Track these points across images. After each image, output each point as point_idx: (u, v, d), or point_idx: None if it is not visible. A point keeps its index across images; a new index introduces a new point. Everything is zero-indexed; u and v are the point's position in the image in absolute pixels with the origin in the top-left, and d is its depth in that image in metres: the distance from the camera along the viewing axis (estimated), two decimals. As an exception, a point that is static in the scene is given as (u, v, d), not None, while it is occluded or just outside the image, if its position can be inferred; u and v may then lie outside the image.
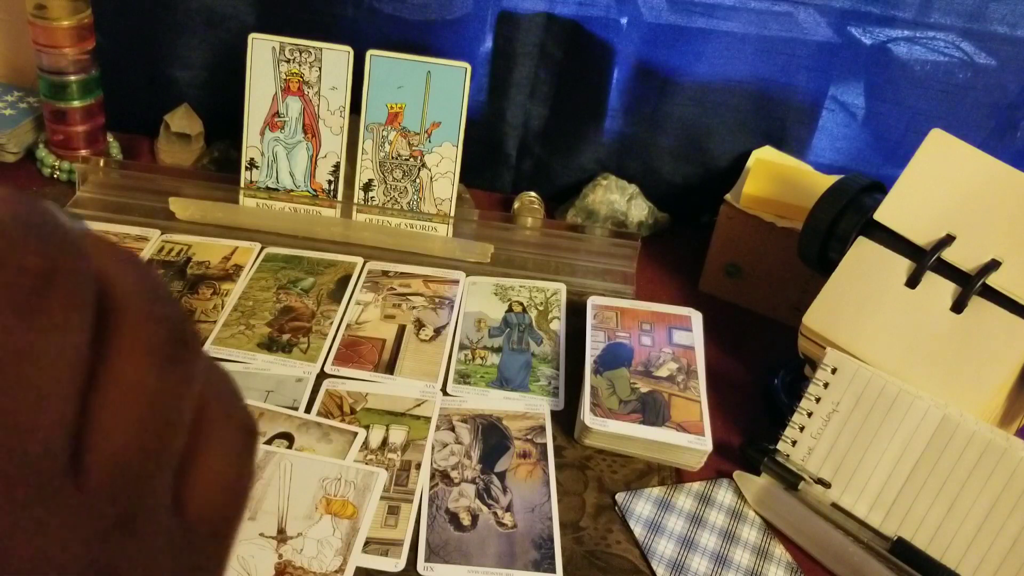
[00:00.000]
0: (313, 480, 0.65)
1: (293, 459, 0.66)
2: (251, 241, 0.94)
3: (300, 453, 0.67)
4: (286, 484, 0.62)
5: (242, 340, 0.81)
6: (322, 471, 0.66)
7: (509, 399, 0.79)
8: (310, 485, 0.64)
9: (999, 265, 0.68)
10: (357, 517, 0.63)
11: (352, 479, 0.66)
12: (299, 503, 0.62)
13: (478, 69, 1.02)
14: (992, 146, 0.89)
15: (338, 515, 0.63)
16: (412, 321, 0.86)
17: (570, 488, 0.72)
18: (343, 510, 0.63)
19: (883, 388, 0.68)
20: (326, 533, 0.61)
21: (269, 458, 0.64)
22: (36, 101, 1.05)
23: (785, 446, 0.72)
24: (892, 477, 0.67)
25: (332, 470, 0.66)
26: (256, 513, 0.60)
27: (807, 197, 0.81)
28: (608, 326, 0.84)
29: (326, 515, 0.63)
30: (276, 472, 0.64)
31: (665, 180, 1.06)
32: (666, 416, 0.74)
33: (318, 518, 0.62)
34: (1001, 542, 0.63)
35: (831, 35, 0.95)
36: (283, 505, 0.61)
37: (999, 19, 0.89)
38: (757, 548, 0.69)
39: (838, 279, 0.74)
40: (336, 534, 0.61)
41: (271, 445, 0.70)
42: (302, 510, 0.62)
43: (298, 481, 0.63)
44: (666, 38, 0.97)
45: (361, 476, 0.67)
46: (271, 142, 0.94)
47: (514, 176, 1.09)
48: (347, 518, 0.63)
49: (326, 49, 0.92)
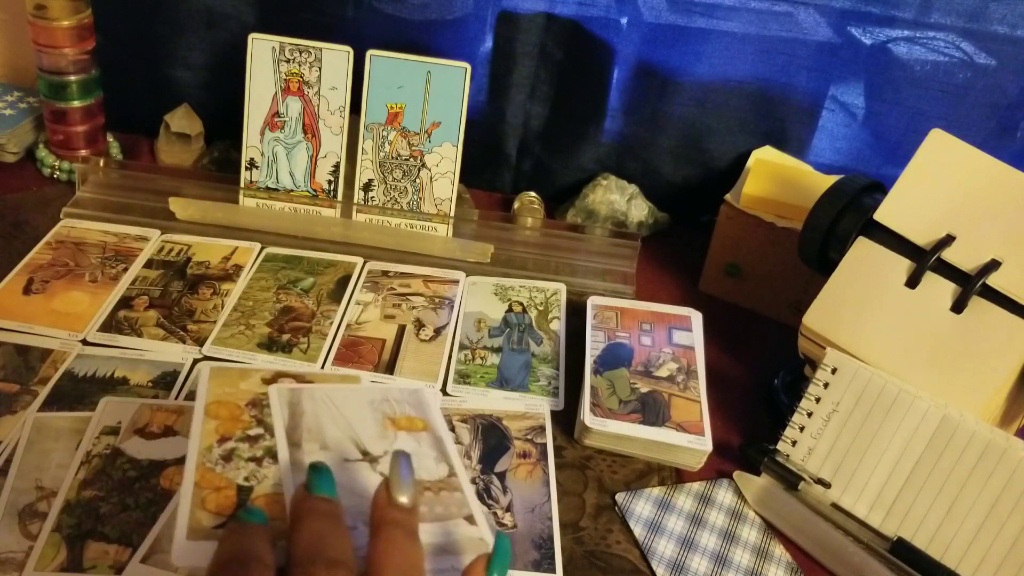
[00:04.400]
0: (363, 405, 0.55)
1: (328, 391, 0.55)
2: (251, 241, 0.94)
3: (326, 385, 0.56)
4: (339, 413, 0.52)
5: (242, 340, 0.81)
6: (366, 396, 0.56)
7: (509, 399, 0.79)
8: (363, 409, 0.54)
9: (999, 265, 0.68)
10: (432, 428, 0.55)
11: (403, 399, 0.57)
12: (365, 427, 0.52)
13: (478, 69, 1.02)
14: (992, 146, 0.89)
15: (411, 430, 0.54)
16: (412, 321, 0.86)
17: (570, 488, 0.72)
18: (412, 425, 0.54)
19: (883, 388, 0.68)
20: (412, 446, 0.52)
21: (299, 393, 0.54)
22: (36, 101, 1.05)
23: (785, 446, 0.72)
24: (892, 477, 0.67)
25: (375, 393, 0.57)
26: (326, 442, 0.50)
27: (807, 197, 0.81)
28: (608, 326, 0.84)
29: (400, 431, 0.54)
30: (317, 405, 0.53)
31: (665, 180, 1.06)
32: (666, 416, 0.74)
33: (394, 436, 0.53)
34: (1001, 542, 0.63)
35: (831, 35, 0.95)
36: (349, 431, 0.51)
37: (999, 19, 0.89)
38: (757, 548, 0.69)
39: (838, 279, 0.74)
40: (424, 446, 0.53)
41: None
42: (373, 432, 0.53)
43: (348, 409, 0.53)
44: (666, 38, 0.97)
45: (408, 395, 0.58)
46: (271, 142, 0.95)
47: (514, 176, 1.09)
48: (423, 431, 0.55)
49: (326, 49, 0.92)
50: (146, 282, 0.87)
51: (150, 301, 0.85)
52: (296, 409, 0.51)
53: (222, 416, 0.49)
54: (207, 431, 0.48)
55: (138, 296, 0.85)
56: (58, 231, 0.92)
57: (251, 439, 0.48)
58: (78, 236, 0.92)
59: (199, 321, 0.83)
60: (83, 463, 0.66)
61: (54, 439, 0.68)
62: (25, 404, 0.71)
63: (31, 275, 0.85)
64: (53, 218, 0.94)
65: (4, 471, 0.65)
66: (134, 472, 0.66)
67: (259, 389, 0.52)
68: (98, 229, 0.93)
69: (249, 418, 0.49)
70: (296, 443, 0.48)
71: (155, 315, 0.83)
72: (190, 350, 0.79)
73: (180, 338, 0.81)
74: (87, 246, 0.90)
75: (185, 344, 0.80)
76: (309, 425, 0.49)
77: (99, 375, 0.75)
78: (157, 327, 0.81)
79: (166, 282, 0.87)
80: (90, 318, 0.81)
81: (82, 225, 0.93)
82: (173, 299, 0.85)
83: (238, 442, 0.48)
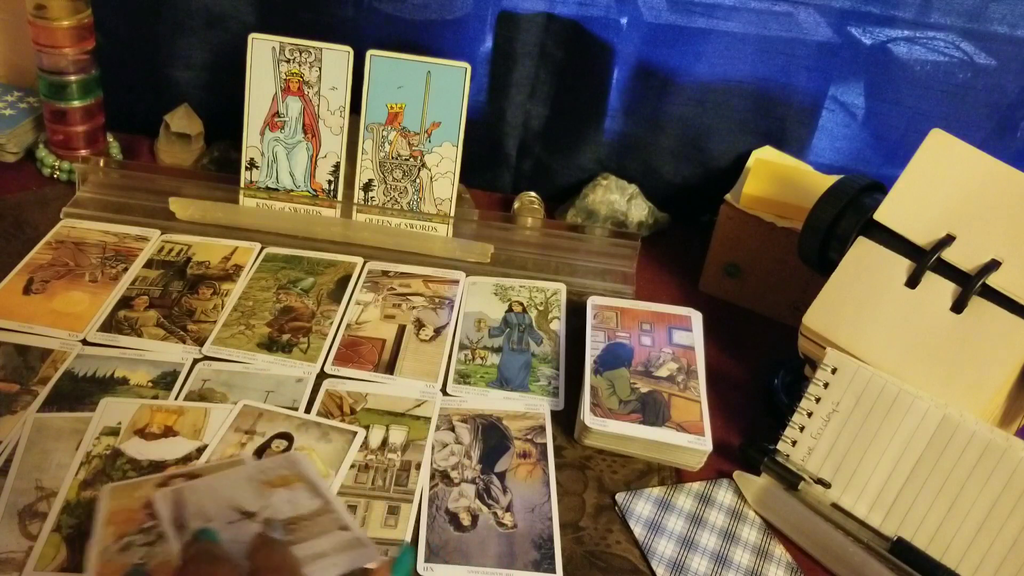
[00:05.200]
0: (240, 480, 0.65)
1: (208, 481, 0.65)
2: (251, 241, 0.94)
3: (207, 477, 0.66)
4: (218, 494, 0.63)
5: (242, 340, 0.81)
6: (244, 472, 0.66)
7: (509, 399, 0.79)
8: (239, 483, 0.64)
9: (999, 265, 0.68)
10: (304, 479, 0.65)
11: (276, 465, 0.66)
12: (242, 495, 0.63)
13: (478, 69, 1.02)
14: (992, 146, 0.89)
15: (286, 485, 0.64)
16: (412, 321, 0.86)
17: (570, 488, 0.72)
18: (286, 481, 0.64)
19: (883, 388, 0.68)
20: (288, 495, 0.63)
21: (181, 492, 0.63)
22: (36, 101, 1.05)
23: (785, 446, 0.72)
24: (892, 477, 0.67)
25: (251, 468, 0.66)
26: (209, 516, 0.61)
27: (807, 197, 0.81)
28: (608, 326, 0.84)
29: (276, 488, 0.64)
30: (198, 494, 0.63)
31: (665, 180, 1.06)
32: (666, 416, 0.74)
33: (270, 494, 0.63)
34: (1001, 542, 0.63)
35: (831, 35, 0.95)
36: (229, 502, 0.62)
37: (999, 19, 0.89)
38: (757, 548, 0.69)
39: (838, 279, 0.74)
40: (298, 492, 0.64)
41: (271, 446, 0.70)
42: (249, 496, 0.63)
43: (226, 488, 0.64)
44: (666, 38, 0.97)
45: (281, 461, 0.67)
46: (271, 142, 0.95)
47: (514, 176, 1.09)
48: (297, 482, 0.64)
49: (326, 49, 0.92)
50: (146, 282, 0.87)
51: (150, 301, 0.85)
52: (180, 502, 0.61)
53: (119, 521, 0.61)
54: (105, 535, 0.60)
55: (138, 296, 0.85)
56: (58, 231, 0.92)
57: (145, 531, 0.60)
58: (78, 236, 0.92)
59: (199, 321, 0.83)
60: (83, 463, 0.66)
61: (54, 439, 0.68)
62: (25, 404, 0.71)
63: (31, 275, 0.85)
64: (53, 218, 0.94)
65: (4, 471, 0.65)
66: (134, 473, 0.66)
67: (153, 492, 0.63)
68: (98, 229, 0.93)
69: (143, 516, 0.61)
70: (182, 525, 0.59)
71: (155, 315, 0.83)
72: (190, 350, 0.79)
73: (180, 338, 0.81)
74: (87, 246, 0.90)
75: (185, 344, 0.80)
76: (192, 510, 0.60)
77: (99, 375, 0.75)
78: (157, 327, 0.81)
79: (166, 282, 0.87)
80: (90, 318, 0.81)
81: (82, 225, 0.93)
82: (173, 299, 0.85)
83: (134, 535, 0.60)
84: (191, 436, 0.70)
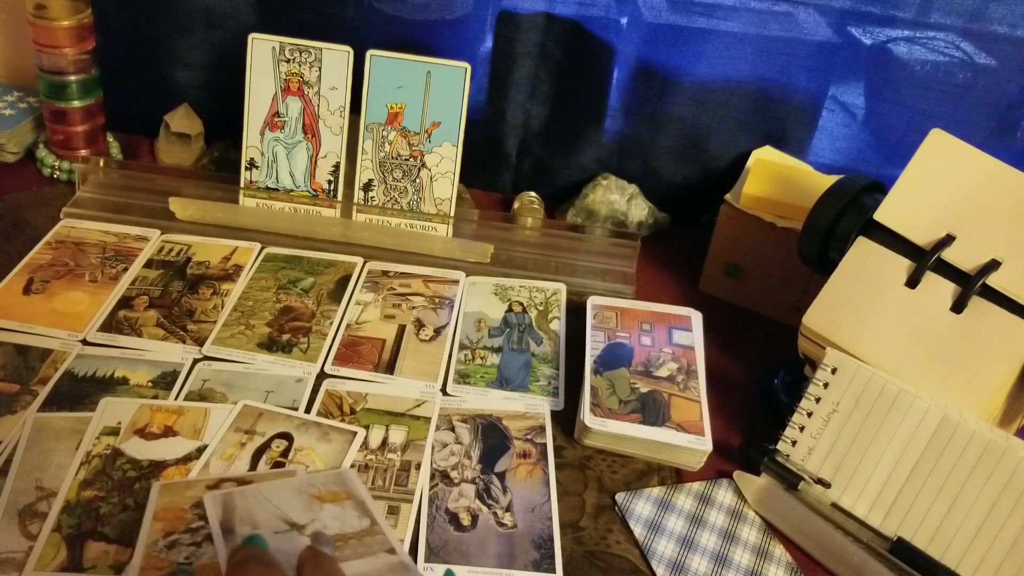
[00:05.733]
0: (290, 491, 0.64)
1: (258, 488, 0.65)
2: (251, 241, 0.94)
3: (257, 484, 0.66)
4: (267, 502, 0.63)
5: (242, 340, 0.81)
6: (294, 484, 0.65)
7: (509, 399, 0.79)
8: (289, 494, 0.64)
9: (999, 265, 0.68)
10: (353, 497, 0.65)
11: (327, 480, 0.66)
12: (291, 506, 0.63)
13: (478, 69, 1.02)
14: (992, 146, 0.89)
15: (335, 501, 0.64)
16: (412, 321, 0.86)
17: (570, 488, 0.72)
18: (336, 497, 0.64)
19: (883, 388, 0.68)
20: (337, 511, 0.63)
21: (231, 495, 0.63)
22: (36, 101, 1.05)
23: (785, 446, 0.72)
24: (892, 477, 0.67)
25: (302, 480, 0.66)
26: (257, 523, 0.61)
27: (807, 197, 0.81)
28: (608, 326, 0.84)
29: (326, 503, 0.64)
30: (248, 499, 0.63)
31: (665, 180, 1.06)
32: (666, 416, 0.74)
33: (320, 508, 0.63)
34: (1001, 542, 0.63)
35: (831, 35, 0.95)
36: (277, 512, 0.62)
37: (999, 19, 0.89)
38: (757, 548, 0.69)
39: (838, 279, 0.74)
40: (347, 509, 0.63)
41: (271, 446, 0.70)
42: (298, 508, 0.63)
43: (275, 497, 0.64)
44: (666, 38, 0.97)
45: (332, 477, 0.67)
46: (271, 142, 0.95)
47: (514, 176, 1.09)
48: (346, 499, 0.64)
49: (326, 49, 0.92)
50: (146, 282, 0.87)
51: (150, 301, 0.85)
52: (229, 506, 0.61)
53: (168, 518, 0.61)
54: (153, 530, 0.60)
55: (138, 296, 0.85)
56: (58, 231, 0.92)
57: (192, 531, 0.60)
58: (78, 236, 0.92)
59: (199, 321, 0.83)
60: (83, 463, 0.66)
61: (54, 439, 0.68)
62: (25, 404, 0.71)
63: (31, 275, 0.85)
64: (53, 218, 0.94)
65: (4, 471, 0.65)
66: (134, 472, 0.66)
67: (203, 493, 0.63)
68: (98, 229, 0.93)
69: (192, 515, 0.61)
70: (230, 530, 0.59)
71: (155, 315, 0.83)
72: (190, 350, 0.79)
73: (180, 338, 0.81)
74: (87, 246, 0.90)
75: (185, 344, 0.80)
76: (241, 515, 0.60)
77: (99, 375, 0.75)
78: (157, 327, 0.82)
79: (166, 282, 0.87)
80: (90, 318, 0.81)
81: (82, 225, 0.93)
82: (173, 299, 0.85)
83: (181, 534, 0.60)
84: (191, 436, 0.70)
